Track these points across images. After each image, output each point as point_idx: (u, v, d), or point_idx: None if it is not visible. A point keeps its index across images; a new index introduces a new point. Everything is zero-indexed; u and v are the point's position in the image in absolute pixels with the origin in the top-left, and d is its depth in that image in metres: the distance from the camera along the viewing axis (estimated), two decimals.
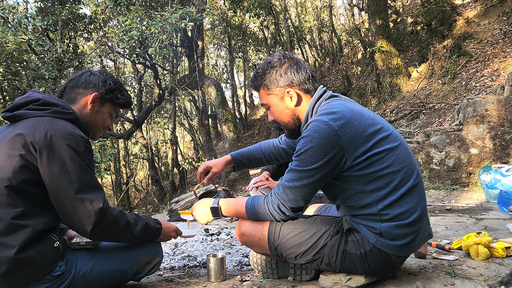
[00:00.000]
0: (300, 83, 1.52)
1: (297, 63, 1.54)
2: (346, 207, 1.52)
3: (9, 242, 1.27)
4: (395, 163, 1.38)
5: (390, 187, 1.38)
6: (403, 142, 1.46)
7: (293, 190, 1.41)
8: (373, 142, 1.36)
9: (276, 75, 1.52)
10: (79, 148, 1.36)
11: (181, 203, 4.19)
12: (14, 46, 5.84)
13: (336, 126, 1.34)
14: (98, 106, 1.59)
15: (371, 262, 1.45)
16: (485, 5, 9.11)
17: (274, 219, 1.50)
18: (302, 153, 1.38)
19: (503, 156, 4.60)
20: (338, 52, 13.55)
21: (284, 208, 1.45)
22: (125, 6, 7.65)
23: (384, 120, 1.49)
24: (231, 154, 1.95)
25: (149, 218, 1.60)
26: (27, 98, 1.45)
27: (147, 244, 1.66)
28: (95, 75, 1.59)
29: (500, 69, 7.01)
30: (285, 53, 1.57)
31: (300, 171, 1.39)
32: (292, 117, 1.57)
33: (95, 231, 1.35)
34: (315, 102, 1.51)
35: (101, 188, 1.40)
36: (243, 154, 1.95)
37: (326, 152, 1.34)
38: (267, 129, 15.36)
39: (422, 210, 1.43)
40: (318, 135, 1.34)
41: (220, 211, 1.61)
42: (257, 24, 15.88)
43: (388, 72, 9.26)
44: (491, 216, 3.02)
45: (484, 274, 1.63)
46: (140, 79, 12.09)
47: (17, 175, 1.29)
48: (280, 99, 1.55)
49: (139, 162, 18.95)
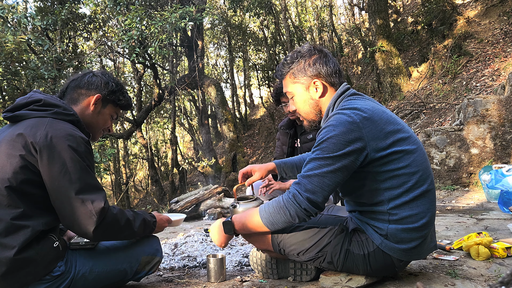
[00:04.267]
0: (327, 76, 1.52)
1: (326, 55, 1.55)
2: (356, 202, 1.52)
3: (9, 243, 1.27)
4: (412, 165, 1.38)
5: (404, 188, 1.38)
6: (421, 146, 1.46)
7: (312, 179, 1.35)
8: (392, 140, 1.37)
9: (305, 64, 1.53)
10: (79, 148, 1.36)
11: (181, 203, 4.18)
12: (13, 45, 5.83)
13: (358, 119, 1.35)
14: (100, 107, 1.59)
15: (373, 264, 1.45)
16: (486, 5, 9.10)
17: (289, 214, 1.37)
18: (324, 141, 1.36)
19: (504, 156, 4.60)
20: (339, 51, 13.54)
21: (300, 198, 1.35)
22: (124, 5, 7.63)
23: (404, 123, 1.49)
24: (275, 162, 1.87)
25: (144, 213, 1.60)
26: (29, 98, 1.45)
27: (146, 244, 1.66)
28: (97, 76, 1.60)
29: (501, 68, 7.00)
30: (315, 45, 1.58)
31: (320, 159, 1.35)
32: (314, 108, 1.56)
33: (97, 231, 1.34)
34: (337, 97, 1.51)
35: (101, 189, 1.40)
36: (286, 162, 1.87)
37: (348, 142, 1.32)
38: (267, 129, 15.34)
39: (431, 217, 1.43)
40: (341, 125, 1.34)
41: (233, 226, 1.52)
42: (257, 24, 15.86)
43: (389, 72, 9.25)
44: (491, 216, 3.01)
45: (485, 274, 1.62)
46: (139, 79, 12.07)
47: (17, 176, 1.29)
48: (305, 88, 1.55)
49: (138, 162, 18.94)
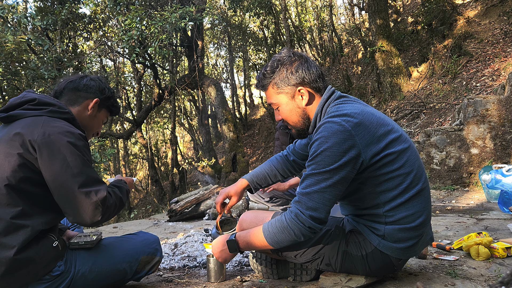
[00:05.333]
0: (311, 82, 1.46)
1: (307, 60, 1.49)
2: (352, 206, 1.51)
3: (9, 242, 1.27)
4: (406, 165, 1.37)
5: (399, 189, 1.36)
6: (412, 144, 1.44)
7: (312, 196, 1.31)
8: (385, 143, 1.34)
9: (287, 73, 1.46)
10: (78, 143, 1.37)
11: (181, 203, 4.18)
12: (13, 46, 5.83)
13: (349, 126, 1.31)
14: (96, 111, 1.62)
15: (372, 264, 1.45)
16: (486, 5, 9.10)
17: (294, 233, 1.34)
18: (318, 155, 1.31)
19: (504, 156, 4.60)
20: (339, 51, 13.54)
21: (303, 217, 1.31)
22: (124, 5, 7.63)
23: (393, 121, 1.47)
24: (246, 178, 1.81)
25: (120, 183, 1.61)
26: (22, 98, 1.45)
27: (146, 243, 1.66)
28: (95, 80, 1.62)
29: (501, 68, 7.00)
30: (293, 50, 1.52)
31: (317, 174, 1.31)
32: (302, 116, 1.51)
33: (102, 219, 1.37)
34: (324, 102, 1.47)
35: (102, 182, 1.42)
36: (257, 175, 1.80)
37: (343, 152, 1.29)
38: (267, 129, 15.34)
39: (427, 215, 1.42)
40: (333, 135, 1.30)
41: (237, 245, 1.49)
42: (257, 24, 15.85)
43: (389, 72, 9.25)
44: (491, 216, 3.01)
45: (485, 274, 1.62)
46: (139, 79, 12.08)
47: (16, 174, 1.29)
48: (290, 97, 1.48)
49: (138, 162, 18.95)
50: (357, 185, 1.40)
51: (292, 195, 3.18)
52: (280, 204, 3.27)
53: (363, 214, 1.46)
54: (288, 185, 2.97)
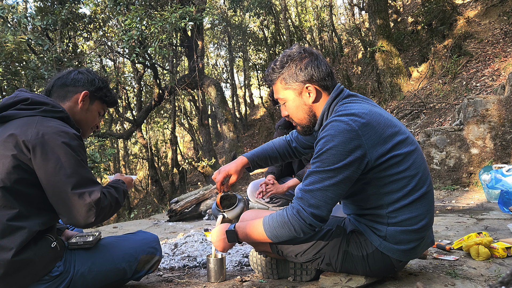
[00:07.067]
0: (320, 80, 1.45)
1: (317, 58, 1.47)
2: (355, 205, 1.51)
3: (6, 245, 1.26)
4: (412, 168, 1.36)
5: (404, 192, 1.36)
6: (418, 147, 1.43)
7: (314, 193, 1.31)
8: (392, 144, 1.33)
9: (296, 69, 1.45)
10: (72, 143, 1.35)
11: (181, 203, 4.18)
12: (13, 45, 5.82)
13: (356, 126, 1.30)
14: (88, 104, 1.59)
15: (372, 265, 1.45)
16: (486, 5, 9.10)
17: (294, 229, 1.34)
18: (324, 153, 1.31)
19: (504, 156, 4.59)
20: (339, 51, 13.55)
21: (304, 214, 1.31)
22: (124, 5, 7.63)
23: (400, 122, 1.46)
24: (247, 156, 1.80)
25: (117, 183, 1.58)
26: (15, 98, 1.43)
27: (145, 243, 1.66)
28: (83, 73, 1.59)
29: (501, 68, 7.00)
30: (304, 46, 1.50)
31: (321, 172, 1.31)
32: (308, 113, 1.50)
33: (97, 220, 1.35)
34: (332, 100, 1.45)
35: (97, 182, 1.40)
36: (258, 155, 1.81)
37: (348, 151, 1.28)
38: (267, 129, 15.34)
39: (430, 218, 1.42)
40: (339, 134, 1.29)
41: (236, 235, 1.50)
42: (257, 24, 15.86)
43: (389, 72, 9.25)
44: (491, 216, 3.01)
45: (485, 274, 1.62)
46: (139, 79, 12.08)
47: (11, 176, 1.28)
48: (298, 94, 1.47)
49: (138, 162, 18.94)
50: (362, 185, 1.39)
51: (291, 195, 3.18)
52: (280, 204, 3.27)
53: (366, 214, 1.45)
54: (286, 187, 2.97)
